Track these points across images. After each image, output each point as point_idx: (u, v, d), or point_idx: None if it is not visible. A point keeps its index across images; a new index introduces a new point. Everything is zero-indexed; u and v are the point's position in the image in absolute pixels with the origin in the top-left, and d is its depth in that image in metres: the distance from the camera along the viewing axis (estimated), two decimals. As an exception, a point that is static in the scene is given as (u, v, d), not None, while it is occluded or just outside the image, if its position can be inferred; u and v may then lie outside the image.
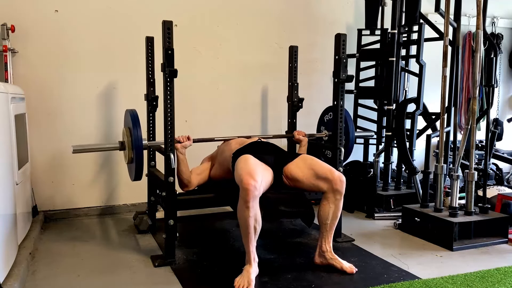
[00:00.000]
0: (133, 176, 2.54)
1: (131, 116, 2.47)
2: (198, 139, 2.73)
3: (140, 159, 2.44)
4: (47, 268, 2.37)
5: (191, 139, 2.60)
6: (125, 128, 2.55)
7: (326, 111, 3.13)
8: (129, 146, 2.48)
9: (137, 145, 2.43)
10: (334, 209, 2.35)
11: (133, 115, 2.47)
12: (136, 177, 2.52)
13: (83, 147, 2.51)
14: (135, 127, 2.42)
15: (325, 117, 3.13)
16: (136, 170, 2.48)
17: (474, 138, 2.84)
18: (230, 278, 2.15)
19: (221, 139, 2.89)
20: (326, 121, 3.10)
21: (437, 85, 3.02)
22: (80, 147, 2.47)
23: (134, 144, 2.43)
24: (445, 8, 2.95)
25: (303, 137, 2.98)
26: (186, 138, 2.58)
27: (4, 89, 2.22)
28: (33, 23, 3.11)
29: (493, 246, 2.75)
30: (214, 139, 2.86)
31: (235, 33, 3.66)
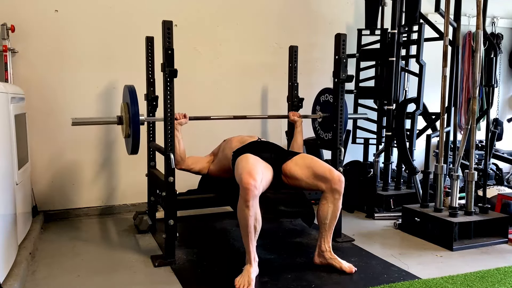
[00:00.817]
0: (130, 150, 2.56)
1: (129, 92, 2.48)
2: (195, 117, 2.78)
3: (137, 133, 2.46)
4: (47, 268, 2.37)
5: (187, 117, 2.69)
6: (123, 103, 2.57)
7: (322, 92, 3.12)
8: (126, 121, 2.51)
9: (134, 120, 2.45)
10: (333, 209, 2.35)
11: (131, 91, 2.48)
12: (132, 151, 2.54)
13: (82, 120, 2.55)
14: (132, 102, 2.45)
15: (321, 97, 3.12)
16: (132, 144, 2.50)
17: (474, 138, 2.84)
18: (230, 278, 2.15)
19: (218, 117, 3.00)
20: (322, 101, 3.10)
21: (437, 85, 3.02)
22: (80, 120, 2.51)
23: (131, 119, 2.45)
24: (445, 8, 2.95)
25: (298, 118, 3.02)
26: (183, 116, 2.67)
27: (4, 89, 2.22)
28: (33, 23, 3.11)
29: (493, 246, 2.75)
30: (210, 118, 2.93)
31: (235, 33, 3.66)
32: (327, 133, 2.98)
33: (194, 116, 2.78)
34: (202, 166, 2.85)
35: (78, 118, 2.50)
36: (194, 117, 2.77)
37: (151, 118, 2.85)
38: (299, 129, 2.99)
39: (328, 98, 2.99)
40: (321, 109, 3.08)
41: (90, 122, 2.74)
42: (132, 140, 2.48)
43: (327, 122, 2.98)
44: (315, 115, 3.10)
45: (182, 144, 2.68)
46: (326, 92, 3.03)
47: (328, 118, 2.95)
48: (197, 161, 2.84)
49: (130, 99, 2.45)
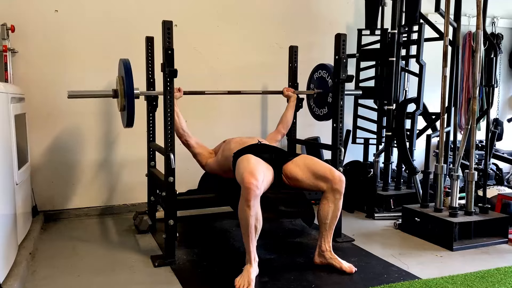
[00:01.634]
0: (125, 123, 2.58)
1: (124, 65, 2.50)
2: (190, 92, 2.83)
3: (132, 106, 2.48)
4: (47, 268, 2.37)
5: (181, 91, 2.77)
6: (118, 77, 2.59)
7: (317, 68, 3.13)
8: (121, 94, 2.52)
9: (129, 92, 2.47)
10: (334, 209, 2.35)
11: (125, 64, 2.50)
12: (128, 124, 2.55)
13: (78, 93, 2.56)
14: (127, 75, 2.46)
15: (314, 74, 3.14)
16: (127, 117, 2.52)
17: (474, 138, 2.84)
18: (230, 278, 2.15)
19: (212, 92, 3.06)
20: (315, 78, 3.13)
21: (437, 85, 3.02)
22: (75, 93, 2.52)
23: (126, 92, 2.47)
24: (445, 8, 2.95)
25: (292, 93, 3.11)
26: (177, 90, 2.72)
27: (4, 89, 2.22)
28: (33, 23, 3.11)
29: (493, 246, 2.75)
30: (204, 92, 2.97)
31: (235, 33, 3.66)
32: (322, 109, 3.02)
33: (189, 91, 2.82)
34: (202, 151, 2.87)
35: (74, 91, 2.51)
36: (188, 91, 2.82)
37: (148, 92, 2.86)
38: (291, 104, 3.12)
39: (321, 74, 3.02)
40: (315, 86, 3.11)
41: (86, 95, 2.74)
42: (127, 113, 2.50)
43: (321, 98, 3.01)
44: (310, 91, 3.16)
45: (181, 116, 2.74)
46: (320, 68, 3.05)
47: (322, 94, 2.98)
48: (200, 145, 2.88)
49: (125, 72, 2.47)
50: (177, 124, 2.69)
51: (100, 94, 2.79)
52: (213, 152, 2.91)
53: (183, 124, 2.76)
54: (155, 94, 2.81)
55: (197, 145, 2.86)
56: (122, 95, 2.52)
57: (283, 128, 3.08)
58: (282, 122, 3.09)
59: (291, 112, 3.11)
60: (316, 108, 3.11)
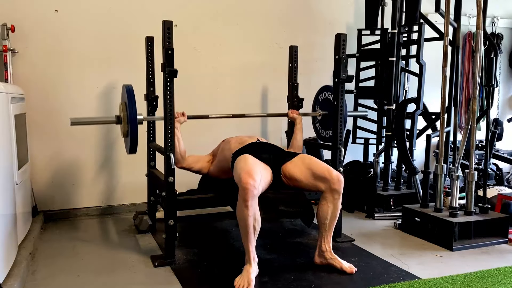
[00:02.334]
0: (129, 149, 2.57)
1: (127, 91, 2.49)
2: (194, 116, 2.80)
3: (135, 132, 2.47)
4: (47, 268, 2.37)
5: (185, 115, 2.72)
6: (122, 103, 2.58)
7: (321, 90, 3.13)
8: (124, 120, 2.51)
9: (132, 119, 2.46)
10: (333, 209, 2.35)
11: (128, 90, 2.49)
12: (131, 150, 2.54)
13: (80, 120, 2.56)
14: (130, 101, 2.45)
15: (319, 96, 3.13)
16: (131, 143, 2.51)
17: (474, 138, 2.84)
18: (230, 278, 2.15)
19: (216, 116, 3.01)
20: (320, 100, 3.11)
21: (437, 85, 3.02)
22: (78, 120, 2.52)
23: (129, 118, 2.46)
24: (445, 8, 2.95)
25: (297, 115, 3.03)
26: (181, 114, 2.69)
27: (4, 89, 2.22)
28: (33, 23, 3.11)
29: (493, 246, 2.75)
30: (209, 116, 2.95)
31: (235, 33, 3.66)
32: (327, 131, 2.98)
33: (193, 115, 2.79)
34: (202, 165, 2.85)
35: (77, 118, 2.50)
36: (193, 115, 2.79)
37: (150, 118, 2.85)
38: (298, 127, 3.00)
39: (327, 95, 2.99)
40: (320, 107, 3.09)
41: (89, 122, 2.75)
42: (131, 139, 2.49)
43: (327, 120, 2.98)
44: (315, 113, 3.11)
45: (182, 142, 2.69)
46: (325, 90, 3.04)
47: (328, 116, 2.96)
48: (197, 160, 2.85)
49: (128, 98, 2.46)
50: (176, 149, 2.59)
51: (102, 121, 2.76)
52: (212, 155, 2.90)
53: (182, 150, 2.69)
54: (157, 119, 2.75)
55: (195, 163, 2.82)
56: (125, 121, 2.49)
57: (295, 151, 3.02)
58: (294, 147, 2.96)
59: (300, 135, 2.99)
60: (322, 130, 3.05)
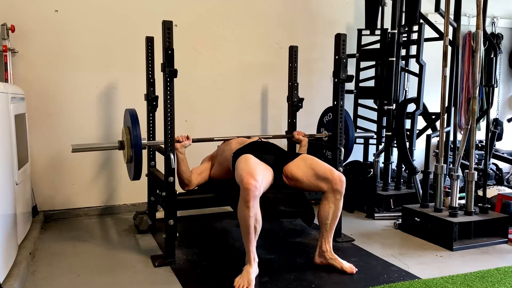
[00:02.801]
0: (132, 176, 2.55)
1: (130, 116, 2.47)
2: (198, 139, 2.74)
3: (139, 158, 2.44)
4: (47, 268, 2.37)
5: (190, 139, 2.63)
6: (125, 127, 2.56)
7: (325, 112, 3.13)
8: (128, 145, 2.49)
9: (136, 144, 2.43)
10: (334, 209, 2.35)
11: (132, 115, 2.47)
12: (135, 177, 2.52)
13: (82, 147, 2.53)
14: (134, 126, 2.43)
15: (324, 118, 3.13)
16: (135, 169, 2.48)
17: (474, 138, 2.84)
18: (230, 278, 2.15)
19: (221, 139, 2.90)
20: (325, 122, 3.11)
21: (437, 85, 3.02)
22: (80, 146, 2.49)
23: (133, 143, 2.44)
24: (445, 8, 2.95)
25: (303, 137, 2.99)
26: (186, 138, 2.61)
27: (4, 89, 2.22)
28: (33, 23, 3.11)
29: (493, 246, 2.75)
30: (213, 139, 2.88)
31: (235, 33, 3.66)
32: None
33: (197, 138, 2.74)
34: (206, 175, 2.78)
35: (78, 145, 2.47)
36: (197, 139, 2.72)
37: (153, 142, 2.78)
38: (303, 149, 2.95)
39: (331, 117, 2.97)
40: (326, 130, 3.07)
41: (90, 149, 2.69)
42: (135, 165, 2.47)
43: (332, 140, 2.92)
44: (321, 134, 3.08)
45: (188, 166, 2.62)
46: (329, 112, 3.03)
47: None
48: (200, 173, 2.76)
49: (132, 123, 2.43)
50: (183, 175, 2.57)
51: (105, 147, 2.73)
52: (211, 159, 2.86)
53: (189, 175, 2.62)
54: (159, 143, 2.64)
55: (201, 178, 2.74)
56: (129, 146, 2.46)
57: None
58: None
59: None
60: (328, 151, 3.03)
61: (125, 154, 2.56)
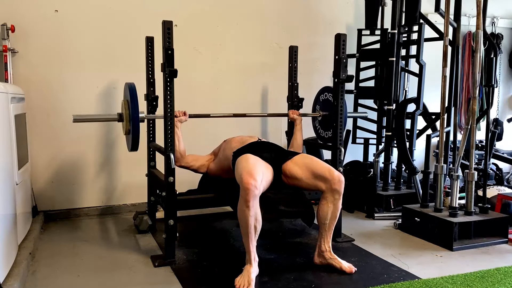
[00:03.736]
0: (130, 147, 2.59)
1: (130, 89, 2.51)
2: (195, 115, 2.80)
3: (137, 130, 2.49)
4: (47, 268, 2.37)
5: (187, 114, 2.73)
6: (124, 101, 2.59)
7: (322, 90, 3.13)
8: (126, 118, 2.53)
9: (134, 116, 2.48)
10: (333, 209, 2.35)
11: (131, 88, 2.51)
12: (132, 148, 2.56)
13: (83, 117, 2.58)
14: (132, 99, 2.47)
15: (320, 96, 3.13)
16: (132, 141, 2.53)
17: (474, 138, 2.84)
18: (230, 278, 2.15)
19: (218, 115, 3.03)
20: (321, 100, 3.11)
21: (437, 85, 3.02)
22: (81, 117, 2.54)
23: (131, 116, 2.48)
24: (445, 8, 2.95)
25: (297, 116, 3.05)
26: (183, 113, 2.71)
27: (4, 89, 2.22)
28: (33, 23, 3.11)
29: (493, 246, 2.75)
30: (210, 115, 2.96)
31: (235, 33, 3.66)
32: (327, 131, 2.98)
33: (194, 114, 2.80)
34: (201, 163, 2.86)
35: (79, 115, 2.52)
36: (193, 114, 2.79)
37: (151, 116, 2.86)
38: (298, 127, 3.02)
39: (327, 96, 2.99)
40: (321, 108, 3.09)
41: (91, 119, 2.82)
42: (132, 137, 2.50)
43: (327, 120, 2.98)
44: (315, 114, 3.12)
45: (182, 141, 2.72)
46: (326, 91, 3.04)
47: (328, 116, 2.96)
48: (197, 159, 2.86)
49: (130, 96, 2.47)
50: (175, 148, 2.61)
51: (105, 118, 2.83)
52: (212, 155, 2.90)
53: (181, 149, 2.72)
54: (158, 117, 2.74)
55: (195, 161, 2.83)
56: (127, 119, 2.51)
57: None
58: (294, 147, 2.98)
59: (300, 135, 3.01)
60: (322, 130, 3.06)
61: (124, 126, 2.61)
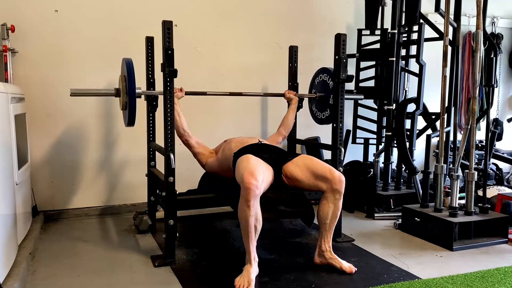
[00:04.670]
0: (127, 122, 2.60)
1: (126, 65, 2.52)
2: (191, 92, 2.84)
3: (133, 105, 2.50)
4: (47, 268, 2.37)
5: (183, 91, 2.78)
6: (121, 76, 2.61)
7: (318, 72, 3.13)
8: (123, 93, 2.54)
9: (131, 91, 2.48)
10: (334, 209, 2.35)
11: (128, 64, 2.52)
12: (129, 123, 2.57)
13: (80, 91, 2.58)
14: (129, 75, 2.48)
15: (316, 79, 3.15)
16: (129, 115, 2.54)
17: (474, 138, 2.85)
18: (230, 278, 2.15)
19: (214, 93, 3.15)
20: (316, 83, 3.13)
21: (437, 85, 3.02)
22: (78, 91, 2.54)
23: (128, 91, 2.49)
24: (445, 8, 2.95)
25: (293, 96, 3.13)
26: (179, 90, 2.76)
27: (4, 89, 2.22)
28: (33, 23, 3.11)
29: (493, 246, 2.75)
30: (206, 93, 3.01)
31: (235, 33, 3.66)
32: (324, 112, 3.03)
33: (191, 91, 2.82)
34: (202, 151, 2.86)
35: (77, 89, 2.52)
36: (190, 92, 2.82)
37: (149, 92, 2.87)
38: (293, 107, 3.13)
39: (323, 78, 3.01)
40: (317, 90, 3.11)
41: (88, 94, 2.80)
42: (129, 111, 2.52)
43: (323, 101, 3.02)
44: (311, 95, 3.16)
45: (182, 116, 2.73)
46: (322, 72, 3.05)
47: (324, 97, 2.98)
48: (201, 144, 2.87)
49: (127, 71, 2.48)
50: (177, 123, 2.69)
51: (102, 92, 2.84)
52: (214, 151, 2.91)
53: (183, 123, 2.75)
54: (156, 93, 2.81)
55: (198, 145, 2.86)
56: (124, 93, 2.53)
57: (284, 131, 3.08)
58: (284, 125, 3.10)
59: (292, 114, 3.11)
60: (318, 112, 3.11)
61: (120, 101, 2.62)
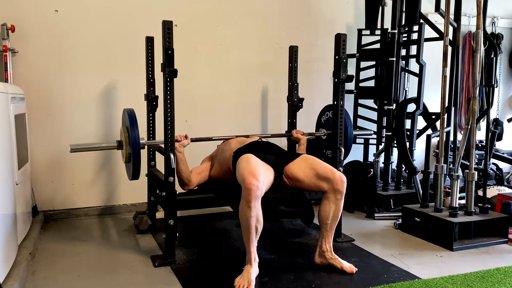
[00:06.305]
0: (131, 176, 2.54)
1: (129, 115, 2.46)
2: (196, 139, 2.74)
3: (137, 158, 2.43)
4: (47, 268, 2.37)
5: (188, 138, 2.64)
6: (123, 127, 2.55)
7: (323, 111, 3.12)
8: (126, 145, 2.48)
9: (134, 144, 2.42)
10: (335, 209, 2.35)
11: (130, 114, 2.46)
12: (133, 177, 2.52)
13: (81, 146, 2.51)
14: (132, 126, 2.42)
15: (322, 118, 3.13)
16: (133, 169, 2.48)
17: (474, 138, 2.85)
18: (230, 278, 2.15)
19: (220, 138, 2.89)
20: (323, 122, 3.10)
21: (437, 85, 3.02)
22: (78, 146, 2.47)
23: (131, 143, 2.43)
24: (445, 8, 2.95)
25: (301, 136, 2.98)
26: (184, 137, 2.61)
27: (4, 89, 2.22)
28: (33, 23, 3.11)
29: (493, 246, 2.75)
30: (212, 139, 2.86)
31: (235, 33, 3.66)
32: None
33: (196, 138, 2.73)
34: (205, 174, 2.78)
35: (76, 145, 2.46)
36: (195, 138, 2.72)
37: (151, 142, 2.79)
38: (302, 147, 2.93)
39: (329, 115, 2.97)
40: (324, 128, 3.06)
41: (89, 149, 2.65)
42: (133, 165, 2.46)
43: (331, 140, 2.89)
44: (319, 133, 3.06)
45: (187, 166, 2.62)
46: (327, 110, 3.02)
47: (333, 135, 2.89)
48: (200, 172, 2.76)
49: (130, 122, 2.42)
50: (182, 175, 2.57)
51: (103, 147, 2.70)
52: (210, 159, 2.86)
53: (188, 174, 2.61)
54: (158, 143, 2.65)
55: (200, 178, 2.74)
56: (127, 146, 2.45)
57: None
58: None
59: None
60: (328, 151, 2.98)
61: (123, 154, 2.56)
